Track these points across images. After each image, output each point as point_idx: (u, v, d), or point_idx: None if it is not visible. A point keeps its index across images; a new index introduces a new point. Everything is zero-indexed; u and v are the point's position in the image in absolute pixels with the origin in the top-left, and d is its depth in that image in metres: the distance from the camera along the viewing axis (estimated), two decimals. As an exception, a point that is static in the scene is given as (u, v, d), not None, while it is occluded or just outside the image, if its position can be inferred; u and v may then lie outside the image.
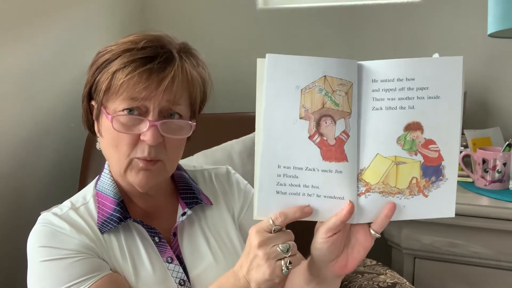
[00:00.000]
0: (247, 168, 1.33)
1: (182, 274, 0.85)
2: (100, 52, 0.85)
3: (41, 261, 0.79)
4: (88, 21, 1.64)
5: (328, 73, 0.73)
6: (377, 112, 0.74)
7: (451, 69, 0.73)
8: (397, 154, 0.74)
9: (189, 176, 0.96)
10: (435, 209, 0.75)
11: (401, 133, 0.73)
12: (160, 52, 0.82)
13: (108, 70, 0.81)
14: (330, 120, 0.73)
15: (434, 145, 0.74)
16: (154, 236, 0.86)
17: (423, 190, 0.75)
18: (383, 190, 0.74)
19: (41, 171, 1.51)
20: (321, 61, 0.73)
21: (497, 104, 1.60)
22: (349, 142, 0.73)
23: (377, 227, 0.72)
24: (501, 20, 1.25)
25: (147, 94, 0.79)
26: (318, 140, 0.73)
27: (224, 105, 1.84)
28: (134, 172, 0.82)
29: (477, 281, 1.30)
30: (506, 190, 1.33)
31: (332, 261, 0.74)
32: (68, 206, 0.86)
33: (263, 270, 0.68)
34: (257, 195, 0.73)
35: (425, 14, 1.65)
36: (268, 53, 0.72)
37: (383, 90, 0.73)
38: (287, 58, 0.73)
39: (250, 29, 1.87)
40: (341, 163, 0.73)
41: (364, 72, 0.74)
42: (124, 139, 0.81)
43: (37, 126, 1.47)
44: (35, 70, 1.45)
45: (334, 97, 0.73)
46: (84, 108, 0.89)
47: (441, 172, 0.75)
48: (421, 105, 0.73)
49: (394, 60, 0.73)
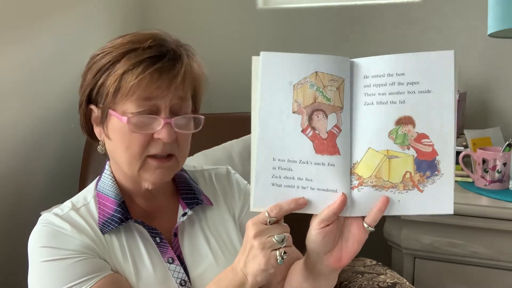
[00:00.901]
0: (247, 168, 1.32)
1: (183, 275, 0.85)
2: (97, 55, 0.85)
3: (42, 261, 0.79)
4: (88, 20, 1.64)
5: (319, 69, 0.75)
6: (369, 107, 0.75)
7: (442, 63, 0.73)
8: (389, 148, 0.74)
9: (190, 177, 0.96)
10: (432, 205, 0.74)
11: (393, 127, 0.74)
12: (165, 50, 0.82)
13: (113, 73, 0.80)
14: (322, 115, 0.75)
15: (427, 139, 0.74)
16: (155, 236, 0.86)
17: (417, 185, 0.74)
18: (375, 184, 0.75)
19: (41, 171, 1.51)
20: (313, 58, 0.75)
21: (497, 104, 1.60)
22: (341, 136, 0.75)
23: (370, 221, 0.73)
24: (501, 20, 1.25)
25: (159, 93, 0.80)
26: (311, 133, 0.76)
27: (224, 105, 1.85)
28: (150, 171, 0.83)
29: (477, 281, 1.30)
30: (506, 190, 1.33)
31: (327, 253, 0.75)
32: (69, 207, 0.86)
33: (258, 260, 0.70)
34: (254, 187, 0.76)
35: (425, 14, 1.65)
36: (262, 51, 0.75)
37: (374, 85, 0.75)
38: (281, 56, 0.76)
39: (250, 29, 1.87)
40: (333, 156, 0.75)
41: (356, 69, 0.76)
42: (138, 139, 0.81)
43: (37, 126, 1.47)
44: (35, 70, 1.44)
45: (325, 92, 0.75)
46: (83, 112, 0.88)
47: (436, 167, 0.74)
48: (412, 100, 0.74)
49: (385, 56, 0.75)
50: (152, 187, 0.86)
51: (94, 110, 0.86)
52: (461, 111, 1.49)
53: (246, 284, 0.73)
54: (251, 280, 0.72)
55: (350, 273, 1.19)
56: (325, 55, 0.75)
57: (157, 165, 0.83)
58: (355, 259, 1.32)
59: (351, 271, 1.21)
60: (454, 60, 0.73)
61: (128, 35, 0.85)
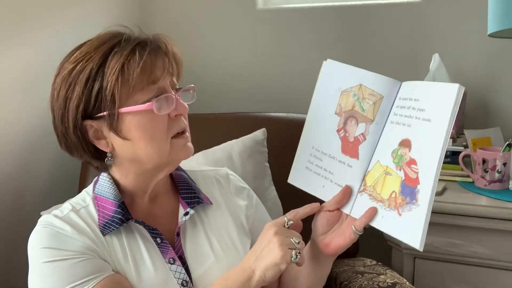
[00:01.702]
0: (247, 168, 1.33)
1: (185, 275, 0.85)
2: (72, 69, 0.80)
3: (43, 262, 0.79)
4: (88, 20, 1.64)
5: (363, 83, 0.84)
6: (391, 125, 0.81)
7: (445, 95, 0.74)
8: (388, 164, 0.80)
9: (189, 176, 0.96)
10: (404, 233, 0.75)
11: (396, 146, 0.79)
12: (141, 34, 0.84)
13: (109, 72, 0.78)
14: (355, 121, 0.85)
15: (415, 165, 0.76)
16: (156, 237, 0.86)
17: (398, 208, 0.77)
18: (371, 193, 0.81)
19: (41, 171, 1.51)
20: (362, 72, 0.85)
21: (497, 104, 1.60)
22: (365, 144, 0.83)
23: (357, 225, 0.81)
24: (501, 20, 1.25)
25: (161, 73, 0.81)
26: (342, 135, 0.86)
27: (224, 105, 1.85)
28: (179, 148, 0.84)
29: (477, 281, 1.30)
30: (506, 190, 1.33)
31: (320, 236, 0.85)
32: (68, 208, 0.86)
33: (275, 253, 0.75)
34: (294, 165, 0.93)
35: (425, 14, 1.65)
36: (328, 59, 0.91)
37: (401, 106, 0.80)
38: (338, 65, 0.89)
39: (250, 29, 1.87)
40: (353, 159, 0.84)
41: (400, 90, 0.82)
42: (159, 124, 0.81)
43: (38, 126, 1.47)
44: (35, 70, 1.44)
45: (363, 103, 0.84)
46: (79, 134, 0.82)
47: (415, 195, 0.75)
48: (415, 125, 0.77)
49: (418, 82, 0.80)
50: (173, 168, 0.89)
51: (91, 125, 0.81)
52: (461, 111, 1.49)
53: (253, 279, 0.77)
54: (259, 275, 0.77)
55: (350, 273, 1.19)
56: (374, 73, 0.84)
57: (183, 141, 0.85)
58: (355, 259, 1.32)
59: (351, 271, 1.21)
60: (457, 94, 0.72)
61: (92, 40, 0.83)
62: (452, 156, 1.45)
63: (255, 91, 1.86)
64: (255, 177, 1.32)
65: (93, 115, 0.81)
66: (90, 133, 0.82)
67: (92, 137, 0.83)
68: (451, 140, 1.45)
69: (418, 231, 0.73)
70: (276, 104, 1.77)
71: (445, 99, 0.73)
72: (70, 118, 0.81)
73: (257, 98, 1.84)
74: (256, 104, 1.80)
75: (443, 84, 0.76)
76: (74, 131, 0.82)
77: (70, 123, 0.81)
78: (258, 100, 1.83)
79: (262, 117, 1.49)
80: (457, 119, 1.43)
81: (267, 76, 1.84)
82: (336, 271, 1.23)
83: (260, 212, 1.02)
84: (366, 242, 1.22)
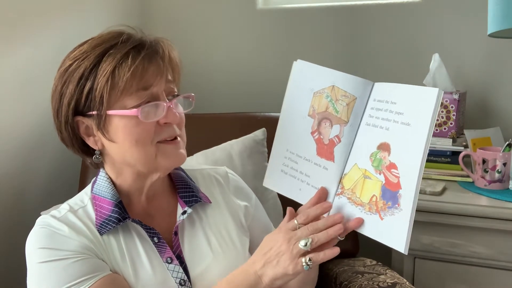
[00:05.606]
0: (247, 168, 1.33)
1: (182, 274, 0.85)
2: (69, 65, 0.82)
3: (40, 263, 0.79)
4: (88, 20, 1.64)
5: (336, 84, 0.83)
6: (367, 127, 0.80)
7: (425, 100, 0.73)
8: (367, 168, 0.79)
9: (187, 175, 0.96)
10: (387, 236, 0.76)
11: (374, 150, 0.78)
12: (143, 38, 0.83)
13: (101, 73, 0.78)
14: (329, 123, 0.84)
15: (396, 170, 0.75)
16: (153, 236, 0.86)
17: (380, 212, 0.76)
18: (350, 197, 0.80)
19: (41, 171, 1.51)
20: (334, 73, 0.84)
21: (497, 104, 1.60)
22: (339, 146, 0.82)
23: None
24: (501, 20, 1.25)
25: (154, 79, 0.81)
26: (317, 137, 0.85)
27: (224, 105, 1.85)
28: (166, 154, 0.83)
29: (477, 281, 1.30)
30: (506, 190, 1.33)
31: None
32: (66, 209, 0.86)
33: (286, 264, 0.75)
34: (268, 168, 0.92)
35: (425, 14, 1.65)
36: (299, 59, 0.88)
37: (376, 108, 0.79)
38: (309, 65, 0.87)
39: (250, 29, 1.87)
40: (328, 161, 0.83)
41: (373, 91, 0.81)
42: (146, 129, 0.81)
43: (38, 126, 1.47)
44: (35, 70, 1.44)
45: (336, 104, 0.83)
46: (70, 128, 0.84)
47: (397, 200, 0.75)
48: (394, 129, 0.76)
49: (393, 84, 0.79)
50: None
51: (82, 122, 0.83)
52: (461, 111, 1.49)
53: (260, 285, 0.77)
54: (267, 282, 0.76)
55: (350, 273, 1.19)
56: (346, 73, 0.82)
57: (171, 147, 0.83)
58: (355, 259, 1.32)
59: (351, 271, 1.21)
60: (437, 99, 0.72)
61: (94, 38, 0.84)
62: (452, 156, 1.45)
63: (255, 91, 1.86)
64: (255, 177, 1.32)
65: (84, 113, 0.82)
66: (81, 129, 0.84)
67: (83, 133, 0.85)
68: (451, 140, 1.45)
69: (402, 235, 0.73)
70: (276, 104, 1.75)
71: (425, 103, 0.72)
72: (63, 113, 0.83)
73: (257, 98, 1.84)
74: (256, 104, 1.80)
75: (422, 88, 0.75)
76: (65, 126, 0.84)
77: (62, 118, 0.83)
78: (258, 100, 1.83)
79: (262, 117, 1.49)
80: (457, 119, 1.44)
81: (267, 76, 1.84)
82: (336, 271, 1.23)
83: (259, 211, 1.02)
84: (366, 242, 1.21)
